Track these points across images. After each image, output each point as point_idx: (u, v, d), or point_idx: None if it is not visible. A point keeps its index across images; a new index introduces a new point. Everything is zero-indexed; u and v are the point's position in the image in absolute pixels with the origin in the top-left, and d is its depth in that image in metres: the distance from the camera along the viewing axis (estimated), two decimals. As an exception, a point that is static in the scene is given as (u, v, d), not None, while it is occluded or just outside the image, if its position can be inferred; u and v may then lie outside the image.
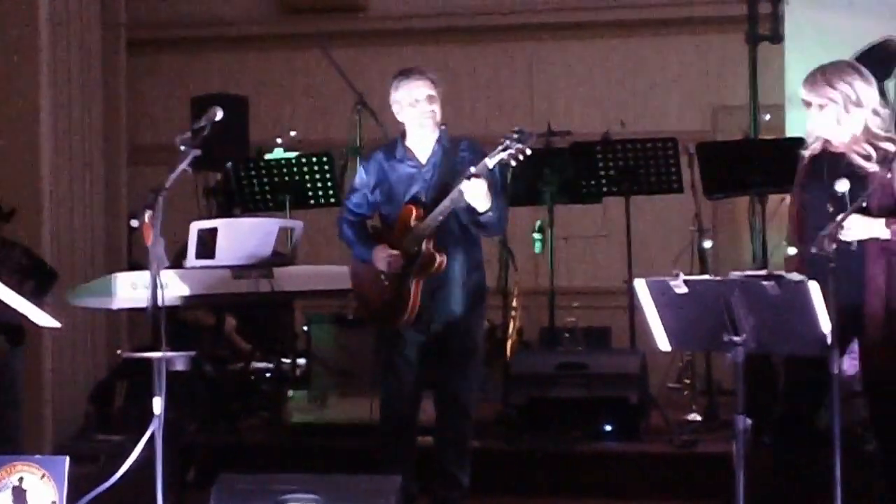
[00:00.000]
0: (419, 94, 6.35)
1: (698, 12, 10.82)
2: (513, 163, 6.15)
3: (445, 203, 6.16)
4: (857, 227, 5.60)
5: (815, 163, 5.91)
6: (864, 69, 6.00)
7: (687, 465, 7.63)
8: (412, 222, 6.28)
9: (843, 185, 5.53)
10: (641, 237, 9.39)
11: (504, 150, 6.08)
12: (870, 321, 5.73)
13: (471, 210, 6.20)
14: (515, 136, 6.09)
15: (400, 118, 6.46)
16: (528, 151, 6.10)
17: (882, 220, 5.67)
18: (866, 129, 5.83)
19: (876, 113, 5.86)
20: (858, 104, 5.84)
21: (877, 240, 5.69)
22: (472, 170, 6.07)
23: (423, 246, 6.25)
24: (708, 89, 10.84)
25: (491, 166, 6.11)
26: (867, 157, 5.79)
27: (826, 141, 5.91)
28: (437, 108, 6.37)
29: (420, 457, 6.47)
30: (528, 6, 11.31)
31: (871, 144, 5.82)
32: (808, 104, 5.91)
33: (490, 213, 6.19)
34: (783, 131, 9.36)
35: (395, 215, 6.38)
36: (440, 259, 6.24)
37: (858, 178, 5.67)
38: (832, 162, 5.84)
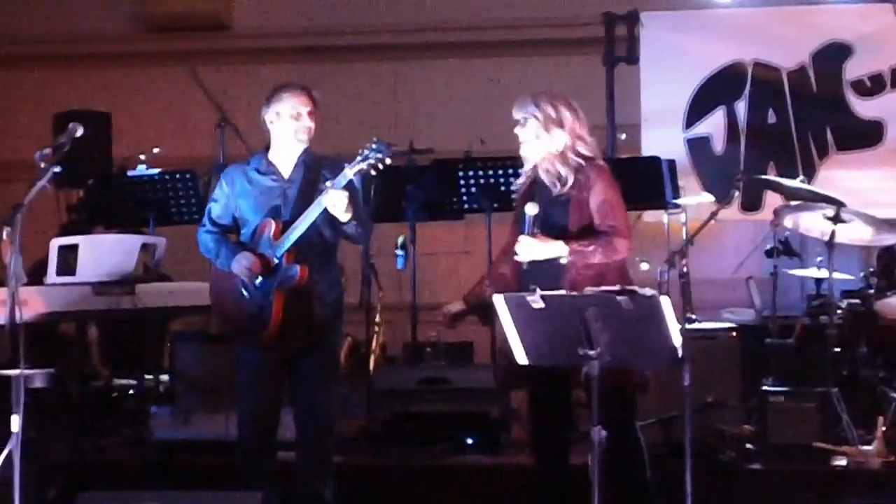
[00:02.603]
0: (303, 108, 6.38)
1: (557, 34, 10.99)
2: (372, 172, 6.27)
3: (306, 215, 6.22)
4: (532, 248, 5.94)
5: (531, 189, 6.19)
6: (573, 103, 6.30)
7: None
8: (271, 236, 6.31)
9: (532, 209, 5.93)
10: (503, 253, 9.50)
11: (363, 160, 6.20)
12: None
13: (333, 221, 6.27)
14: (374, 146, 6.22)
15: (274, 129, 6.43)
16: (388, 161, 6.22)
17: (560, 242, 5.97)
18: (567, 150, 6.12)
19: (581, 138, 6.16)
20: (560, 125, 6.12)
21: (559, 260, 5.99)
22: (330, 183, 6.15)
23: (283, 259, 6.29)
24: (567, 109, 10.98)
25: (351, 176, 6.20)
26: (558, 178, 6.09)
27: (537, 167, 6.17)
28: (314, 125, 6.43)
29: (282, 472, 6.49)
30: (392, 26, 11.39)
31: (573, 165, 6.11)
32: (515, 122, 6.16)
33: (352, 223, 6.25)
34: (639, 150, 9.56)
35: (255, 228, 6.41)
36: (301, 271, 6.28)
37: (562, 203, 6.04)
38: (543, 187, 6.13)
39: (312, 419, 6.38)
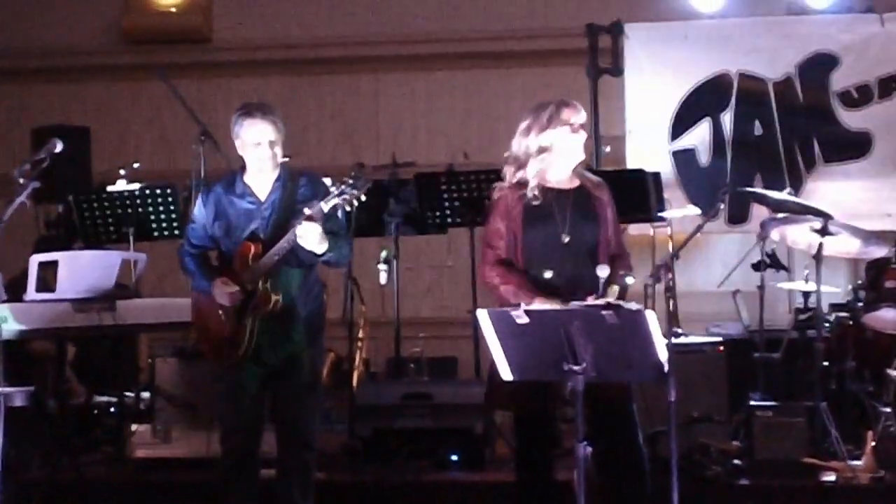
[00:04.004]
0: (262, 137, 6.29)
1: (541, 45, 10.96)
2: (347, 207, 6.19)
3: (282, 244, 6.15)
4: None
5: (546, 206, 6.04)
6: None
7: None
8: (250, 260, 6.25)
9: (603, 271, 5.74)
10: (486, 268, 9.45)
11: (339, 195, 6.10)
12: None
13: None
14: (350, 181, 6.11)
15: (240, 153, 6.42)
16: (363, 198, 6.13)
17: (616, 288, 5.89)
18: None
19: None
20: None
21: None
22: (307, 212, 6.07)
23: (259, 285, 6.22)
24: (551, 121, 10.93)
25: (326, 210, 6.12)
26: (597, 187, 6.09)
27: (540, 178, 6.06)
28: (278, 150, 6.34)
29: (264, 490, 6.42)
30: (373, 38, 11.35)
31: (592, 179, 6.14)
32: (583, 128, 6.11)
33: (329, 255, 6.19)
34: (624, 162, 9.52)
35: (233, 250, 6.34)
36: (275, 299, 6.21)
37: (589, 220, 5.99)
38: (560, 199, 6.03)
39: (293, 436, 6.33)
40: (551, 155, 6.04)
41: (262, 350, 6.25)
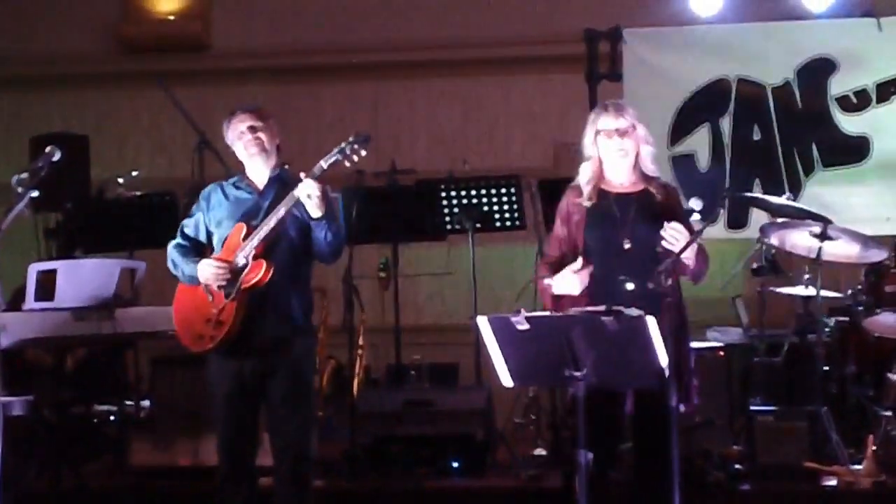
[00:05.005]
0: (242, 126, 6.40)
1: (540, 51, 10.94)
2: (347, 164, 6.23)
3: (279, 208, 6.18)
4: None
5: (596, 206, 6.00)
6: None
7: (533, 500, 7.68)
8: (242, 237, 6.25)
9: (697, 204, 5.76)
10: (486, 274, 9.45)
11: (339, 152, 6.20)
12: None
13: (306, 233, 6.23)
14: (351, 139, 6.22)
15: (239, 157, 6.48)
16: (363, 153, 6.20)
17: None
18: (646, 166, 6.05)
19: (649, 154, 6.06)
20: (647, 140, 6.07)
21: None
22: (305, 173, 6.13)
23: (250, 259, 6.20)
24: (550, 127, 10.95)
25: (325, 166, 6.18)
26: (661, 192, 6.03)
27: (601, 181, 6.02)
28: (263, 135, 6.40)
29: (263, 498, 6.39)
30: (371, 45, 11.34)
31: (657, 184, 6.06)
32: (617, 133, 5.97)
33: (323, 223, 6.17)
34: (623, 168, 9.49)
35: (227, 235, 6.35)
36: (266, 267, 6.18)
37: (658, 222, 5.85)
38: (621, 203, 5.96)
39: (288, 448, 6.26)
40: (600, 160, 6.01)
41: (251, 334, 6.19)
